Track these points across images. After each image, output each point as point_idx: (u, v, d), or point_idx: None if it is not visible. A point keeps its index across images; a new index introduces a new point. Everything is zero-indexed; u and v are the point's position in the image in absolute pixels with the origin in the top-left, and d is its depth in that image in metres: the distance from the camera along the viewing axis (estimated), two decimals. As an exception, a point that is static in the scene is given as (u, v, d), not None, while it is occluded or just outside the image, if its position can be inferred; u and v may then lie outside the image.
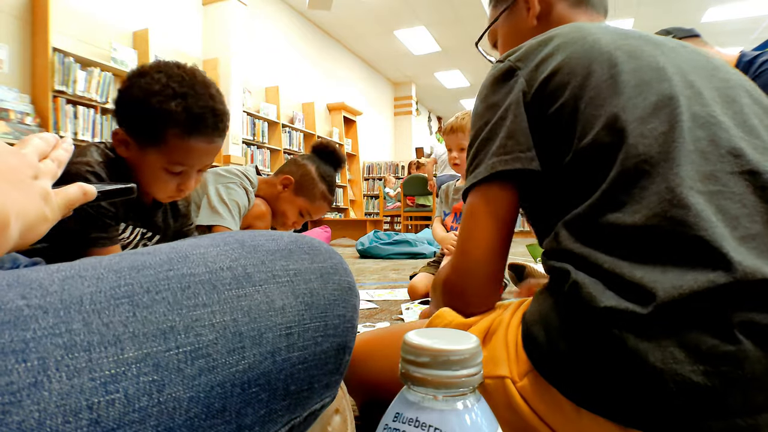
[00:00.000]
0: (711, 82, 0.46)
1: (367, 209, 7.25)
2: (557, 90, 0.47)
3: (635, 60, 0.47)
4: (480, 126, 0.53)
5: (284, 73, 5.60)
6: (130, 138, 0.83)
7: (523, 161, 0.48)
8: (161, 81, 0.81)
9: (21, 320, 0.21)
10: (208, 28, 4.49)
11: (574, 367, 0.36)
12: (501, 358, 0.42)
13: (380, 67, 7.91)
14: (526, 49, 0.53)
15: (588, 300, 0.36)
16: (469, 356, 0.21)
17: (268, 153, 5.24)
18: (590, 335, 0.36)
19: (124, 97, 0.82)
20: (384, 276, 2.28)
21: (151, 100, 0.80)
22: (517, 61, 0.52)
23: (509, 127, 0.49)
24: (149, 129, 0.81)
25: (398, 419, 0.22)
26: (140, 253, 0.28)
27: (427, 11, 5.69)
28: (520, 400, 0.40)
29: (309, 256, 0.35)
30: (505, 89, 0.52)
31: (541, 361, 0.39)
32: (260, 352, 0.28)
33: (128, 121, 0.83)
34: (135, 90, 0.81)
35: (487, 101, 0.53)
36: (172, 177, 0.86)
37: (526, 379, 0.40)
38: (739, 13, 5.54)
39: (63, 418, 0.20)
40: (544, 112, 0.48)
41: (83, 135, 3.20)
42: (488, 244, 0.49)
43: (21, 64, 3.00)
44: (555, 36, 0.52)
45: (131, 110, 0.82)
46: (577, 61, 0.47)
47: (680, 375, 0.32)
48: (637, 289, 0.35)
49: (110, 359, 0.22)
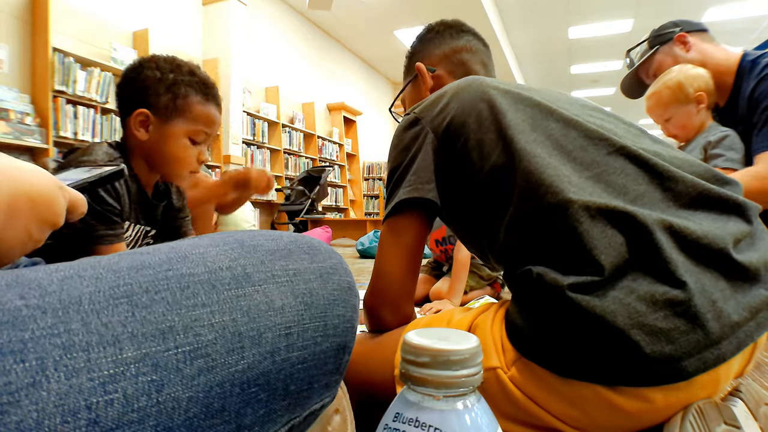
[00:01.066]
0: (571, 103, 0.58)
1: (367, 209, 7.25)
2: (458, 130, 0.57)
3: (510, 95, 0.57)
4: (393, 168, 0.62)
5: (284, 73, 5.60)
6: (153, 116, 0.90)
7: (421, 191, 0.57)
8: (168, 62, 0.92)
9: (19, 320, 0.21)
10: (208, 28, 4.49)
11: (556, 343, 0.41)
12: (490, 350, 0.46)
13: (380, 67, 7.91)
14: (426, 104, 0.63)
15: (553, 283, 0.41)
16: (469, 356, 0.21)
17: (268, 153, 5.24)
18: (563, 310, 0.40)
19: (137, 81, 0.90)
20: (384, 276, 2.27)
21: (168, 76, 0.90)
22: (421, 112, 0.62)
23: (415, 166, 0.59)
24: (174, 100, 0.91)
25: (398, 419, 0.22)
26: (139, 252, 0.28)
27: (427, 11, 5.69)
28: (513, 387, 0.43)
29: (309, 255, 0.35)
30: (411, 134, 0.61)
31: (527, 346, 0.43)
32: (259, 352, 0.28)
33: (150, 99, 0.90)
34: (147, 72, 0.90)
35: (399, 147, 0.63)
36: (194, 147, 0.96)
37: (514, 368, 0.44)
38: (739, 13, 5.54)
39: (61, 418, 0.20)
40: (453, 150, 0.57)
41: (83, 135, 3.20)
42: (397, 269, 0.58)
43: (21, 64, 3.00)
44: (449, 89, 0.63)
45: (151, 88, 0.90)
46: (468, 103, 0.57)
47: (647, 325, 0.38)
48: (590, 264, 0.41)
49: (109, 359, 0.22)
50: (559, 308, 0.41)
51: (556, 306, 0.41)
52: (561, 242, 0.44)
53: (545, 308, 0.42)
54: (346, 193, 6.64)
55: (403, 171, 0.60)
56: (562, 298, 0.40)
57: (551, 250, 0.44)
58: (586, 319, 0.39)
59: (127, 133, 0.93)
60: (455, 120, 0.57)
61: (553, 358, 0.41)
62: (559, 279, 0.41)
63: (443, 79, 0.80)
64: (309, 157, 5.93)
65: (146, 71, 0.90)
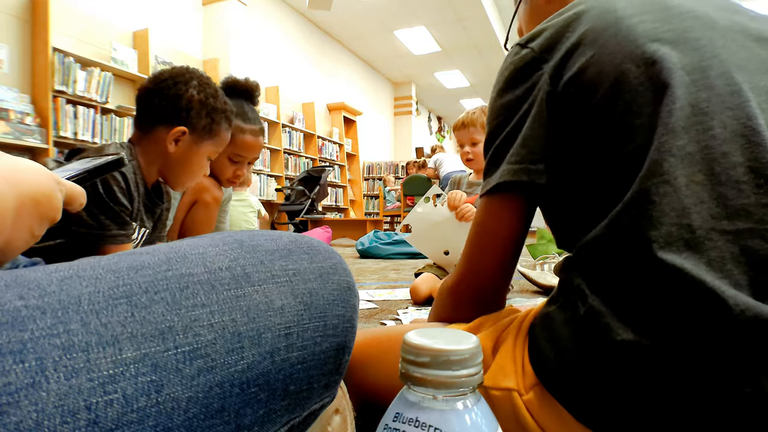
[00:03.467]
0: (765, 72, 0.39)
1: (367, 209, 7.25)
2: (588, 90, 0.41)
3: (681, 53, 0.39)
4: (496, 126, 0.48)
5: (284, 73, 5.60)
6: (189, 135, 0.97)
7: (531, 174, 0.44)
8: (210, 85, 1.00)
9: (19, 321, 0.21)
10: (208, 28, 4.49)
11: (584, 387, 0.35)
12: (509, 370, 0.41)
13: (380, 67, 7.91)
14: (551, 35, 0.46)
15: (605, 330, 0.34)
16: (469, 356, 0.21)
17: (268, 153, 5.24)
18: (603, 364, 0.34)
19: (182, 99, 0.95)
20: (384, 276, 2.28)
21: (210, 101, 0.98)
22: (541, 51, 0.45)
23: (525, 134, 0.45)
24: (210, 125, 0.99)
25: (398, 419, 0.22)
26: (139, 253, 0.28)
27: (427, 11, 5.68)
28: (526, 413, 0.39)
29: (308, 255, 0.35)
30: (526, 84, 0.46)
31: (549, 376, 0.38)
32: (259, 352, 0.28)
33: (192, 120, 0.97)
34: (192, 91, 0.96)
35: (505, 97, 0.48)
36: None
37: (532, 393, 0.39)
38: (739, 13, 5.54)
39: (61, 419, 0.20)
40: (575, 112, 0.42)
41: (83, 135, 3.20)
42: (496, 261, 0.49)
43: (21, 64, 3.00)
44: (581, 14, 0.45)
45: (194, 110, 0.97)
46: (608, 58, 0.41)
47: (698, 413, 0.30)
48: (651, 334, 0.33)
49: (108, 360, 0.22)
50: (602, 362, 0.34)
51: (599, 358, 0.34)
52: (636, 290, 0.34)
53: (585, 352, 0.35)
54: (346, 193, 6.64)
55: (508, 136, 0.46)
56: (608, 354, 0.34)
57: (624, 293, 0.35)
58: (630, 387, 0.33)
59: (150, 140, 0.96)
60: (586, 73, 0.42)
61: (576, 400, 0.36)
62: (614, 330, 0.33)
63: None
64: (309, 157, 5.94)
65: (191, 90, 0.96)
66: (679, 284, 0.32)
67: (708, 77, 0.38)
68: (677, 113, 0.36)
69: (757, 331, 0.29)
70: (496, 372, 0.42)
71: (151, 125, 0.96)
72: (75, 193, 0.36)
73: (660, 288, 0.33)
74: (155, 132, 0.96)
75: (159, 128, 0.95)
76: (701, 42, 0.40)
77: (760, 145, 0.34)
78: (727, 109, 0.36)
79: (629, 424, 0.33)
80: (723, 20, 0.42)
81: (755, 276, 0.32)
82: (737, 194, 0.34)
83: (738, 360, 0.30)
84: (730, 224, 0.33)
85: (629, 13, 0.43)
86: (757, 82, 0.38)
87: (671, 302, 0.32)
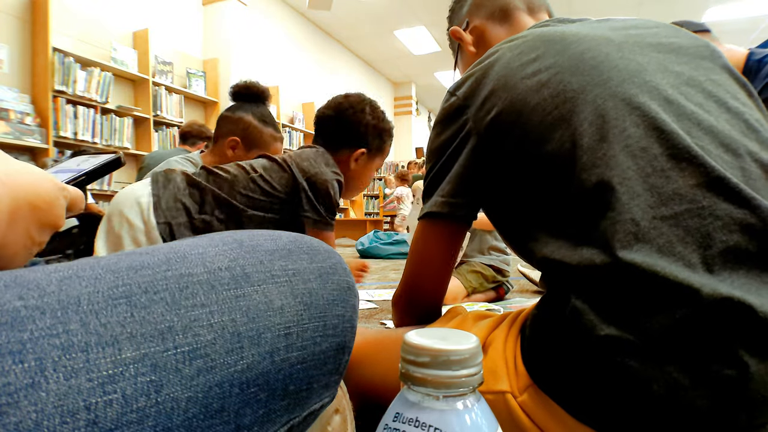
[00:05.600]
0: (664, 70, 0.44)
1: (367, 209, 7.25)
2: (504, 130, 0.47)
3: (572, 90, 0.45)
4: (431, 162, 0.56)
5: (284, 73, 5.60)
6: (367, 154, 1.18)
7: (452, 207, 0.52)
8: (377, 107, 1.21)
9: (18, 321, 0.21)
10: (208, 28, 4.49)
11: (576, 385, 0.36)
12: (501, 372, 0.42)
13: (380, 67, 7.91)
14: (472, 83, 0.52)
15: (589, 327, 0.35)
16: (469, 356, 0.21)
17: (268, 153, 5.24)
18: (592, 360, 0.35)
19: (361, 125, 1.15)
20: (384, 276, 2.28)
21: (379, 124, 1.18)
22: (465, 98, 0.52)
23: (452, 171, 0.52)
24: (381, 145, 1.20)
25: (398, 419, 0.22)
26: (138, 253, 0.28)
27: (427, 11, 5.69)
28: (523, 415, 0.40)
29: (308, 255, 0.35)
30: (454, 127, 0.53)
31: (542, 376, 0.39)
32: (259, 352, 0.27)
33: (370, 142, 1.18)
34: (368, 117, 1.16)
35: (439, 137, 0.55)
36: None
37: (526, 394, 0.40)
38: (738, 13, 5.54)
39: (60, 419, 0.20)
40: (499, 149, 0.48)
41: (83, 135, 3.20)
42: (429, 277, 0.57)
43: (21, 64, 3.00)
44: (495, 62, 0.51)
45: (370, 134, 1.17)
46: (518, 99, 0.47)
47: (685, 400, 0.32)
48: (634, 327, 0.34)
49: (108, 360, 0.22)
50: (590, 358, 0.35)
51: (587, 354, 0.36)
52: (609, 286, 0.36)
53: (573, 350, 0.37)
54: (346, 193, 6.63)
55: (439, 172, 0.54)
56: (595, 350, 0.35)
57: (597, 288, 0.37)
58: (620, 381, 0.34)
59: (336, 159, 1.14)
60: (501, 116, 0.47)
61: (570, 398, 0.37)
62: (597, 326, 0.35)
63: (485, 29, 0.70)
64: (309, 157, 5.93)
65: (367, 117, 1.16)
66: (638, 278, 0.34)
67: (609, 87, 0.42)
68: (590, 129, 0.41)
69: (716, 307, 0.31)
70: (486, 375, 0.42)
71: (336, 148, 1.16)
72: (76, 199, 0.36)
73: (624, 285, 0.35)
74: (339, 153, 1.16)
75: (343, 150, 1.16)
76: (598, 59, 0.45)
77: (672, 133, 0.38)
78: (634, 109, 0.41)
79: (624, 417, 0.34)
80: (619, 37, 0.48)
81: (704, 252, 0.34)
82: (665, 181, 0.37)
83: (709, 340, 0.32)
84: (668, 209, 0.36)
85: (532, 56, 0.48)
86: (658, 81, 0.43)
87: (637, 296, 0.34)
